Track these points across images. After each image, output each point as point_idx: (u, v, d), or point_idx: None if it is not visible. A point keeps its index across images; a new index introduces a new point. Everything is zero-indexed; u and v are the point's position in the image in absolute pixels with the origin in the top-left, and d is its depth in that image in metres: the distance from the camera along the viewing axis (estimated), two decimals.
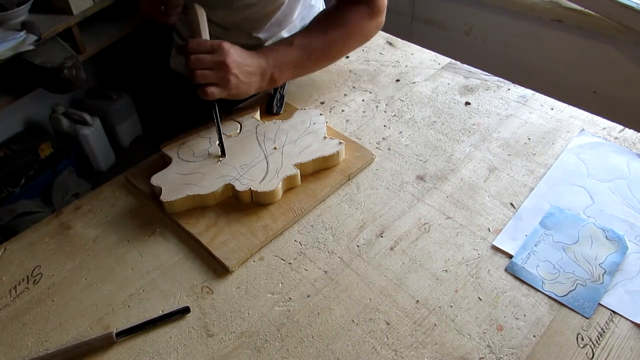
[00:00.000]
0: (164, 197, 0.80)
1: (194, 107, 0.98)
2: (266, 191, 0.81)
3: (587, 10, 1.43)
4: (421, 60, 1.15)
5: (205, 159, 0.87)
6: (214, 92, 0.80)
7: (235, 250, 0.76)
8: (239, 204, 0.83)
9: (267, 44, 1.01)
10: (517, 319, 0.68)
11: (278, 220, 0.80)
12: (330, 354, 0.65)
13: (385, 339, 0.66)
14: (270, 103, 1.02)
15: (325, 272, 0.74)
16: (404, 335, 0.67)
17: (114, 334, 0.66)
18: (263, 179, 0.83)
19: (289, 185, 0.85)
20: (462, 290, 0.71)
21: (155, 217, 0.82)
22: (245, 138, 0.92)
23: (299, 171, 0.85)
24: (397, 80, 1.09)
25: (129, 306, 0.71)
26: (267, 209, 0.82)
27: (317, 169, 0.88)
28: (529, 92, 1.04)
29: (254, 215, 0.81)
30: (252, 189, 0.81)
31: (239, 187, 0.82)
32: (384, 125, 0.98)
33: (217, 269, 0.75)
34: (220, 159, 0.87)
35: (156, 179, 0.84)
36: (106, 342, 0.66)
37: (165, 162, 0.89)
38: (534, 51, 1.63)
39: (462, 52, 1.46)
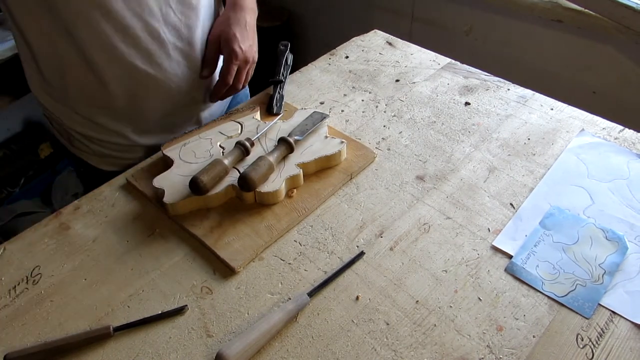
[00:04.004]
0: (167, 199, 0.80)
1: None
2: (270, 191, 0.81)
3: (587, 10, 1.43)
4: (421, 61, 1.15)
5: (207, 160, 0.86)
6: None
7: (241, 251, 0.76)
8: (242, 205, 0.83)
9: None
10: (517, 319, 0.68)
11: (282, 221, 0.80)
12: (330, 354, 0.65)
13: (385, 340, 0.66)
14: (270, 103, 1.02)
15: (325, 272, 0.74)
16: (404, 336, 0.66)
17: (112, 328, 0.67)
18: (266, 179, 0.83)
19: (292, 185, 0.85)
20: (462, 290, 0.71)
21: (155, 217, 0.82)
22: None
23: (301, 171, 0.85)
24: (397, 81, 1.09)
25: (128, 306, 0.71)
26: (271, 209, 0.82)
27: (320, 169, 0.88)
28: (528, 92, 1.04)
29: (257, 216, 0.81)
30: (255, 189, 0.81)
31: None
32: (384, 126, 0.98)
33: (217, 269, 0.75)
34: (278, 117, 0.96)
35: (158, 181, 0.84)
36: (103, 333, 0.66)
37: (167, 163, 0.89)
38: (534, 51, 1.63)
39: (461, 52, 1.46)
